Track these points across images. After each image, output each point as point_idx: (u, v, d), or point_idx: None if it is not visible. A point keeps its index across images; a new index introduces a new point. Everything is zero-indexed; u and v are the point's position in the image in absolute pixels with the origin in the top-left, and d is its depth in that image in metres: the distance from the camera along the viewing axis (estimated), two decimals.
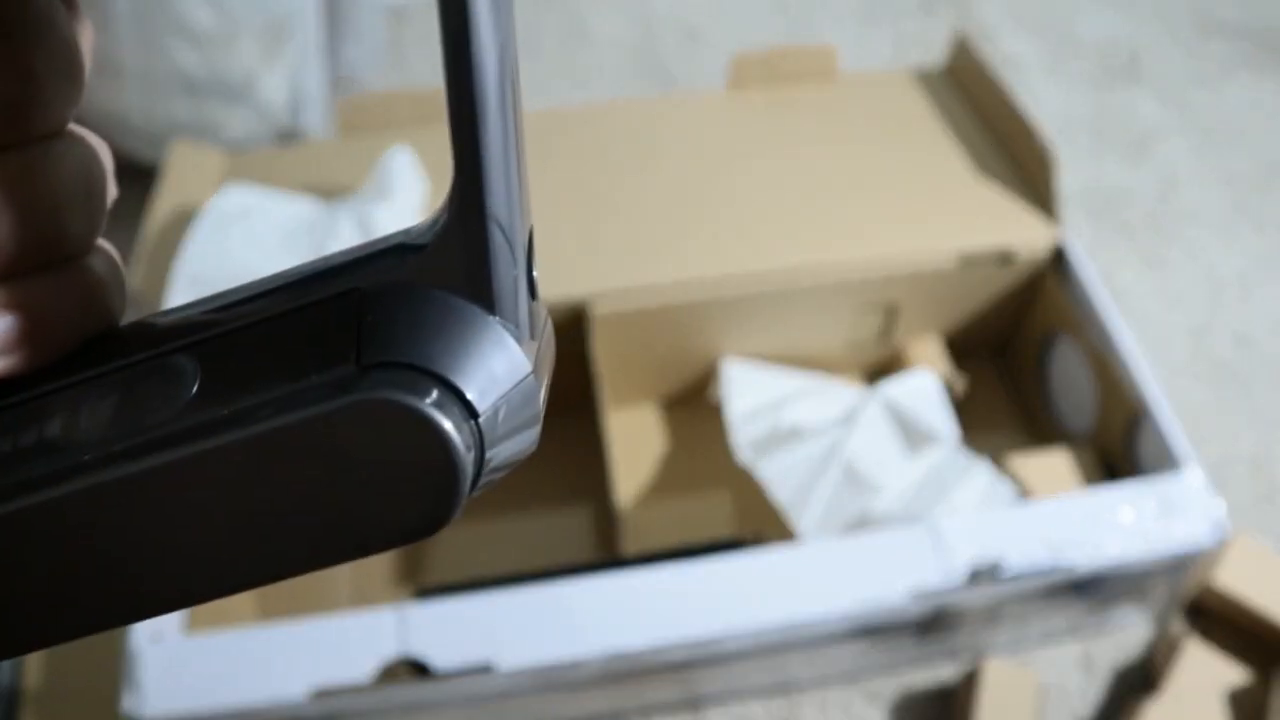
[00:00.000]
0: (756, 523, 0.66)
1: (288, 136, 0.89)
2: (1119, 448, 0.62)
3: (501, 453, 0.19)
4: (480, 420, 0.18)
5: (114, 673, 0.53)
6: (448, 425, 0.17)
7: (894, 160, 0.71)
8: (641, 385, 0.71)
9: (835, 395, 0.65)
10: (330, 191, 0.70)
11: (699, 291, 0.63)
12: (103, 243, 0.21)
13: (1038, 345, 0.71)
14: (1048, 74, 1.03)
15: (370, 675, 0.48)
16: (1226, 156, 0.94)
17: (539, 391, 0.20)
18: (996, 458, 0.64)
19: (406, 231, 0.20)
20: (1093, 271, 0.66)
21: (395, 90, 0.76)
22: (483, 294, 0.19)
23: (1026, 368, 0.73)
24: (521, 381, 0.19)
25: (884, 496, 0.60)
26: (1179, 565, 0.55)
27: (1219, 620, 0.63)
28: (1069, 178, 0.88)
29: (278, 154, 0.76)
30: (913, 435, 0.62)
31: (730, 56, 0.77)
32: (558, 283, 0.62)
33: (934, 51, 0.82)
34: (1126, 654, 0.63)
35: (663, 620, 0.50)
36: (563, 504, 0.69)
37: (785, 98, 0.76)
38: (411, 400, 0.17)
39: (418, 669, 0.49)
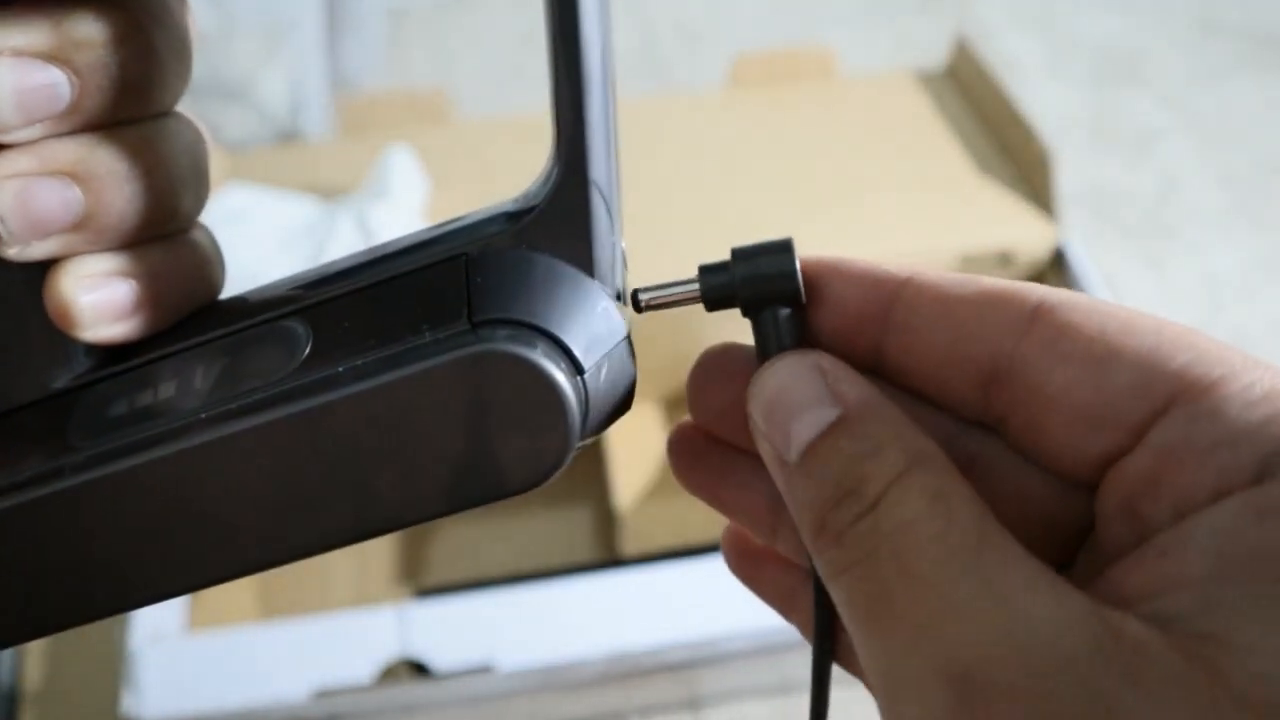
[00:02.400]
0: None
1: (288, 136, 0.89)
2: None
3: (601, 410, 0.20)
4: (585, 376, 0.19)
5: (114, 673, 0.53)
6: (560, 376, 0.18)
7: (894, 160, 0.71)
8: (641, 385, 0.70)
9: None
10: (330, 191, 0.70)
11: None
12: (201, 222, 0.22)
13: None
14: (1048, 74, 1.03)
15: (371, 676, 0.48)
16: (1226, 156, 0.94)
17: (633, 353, 0.20)
18: None
19: (509, 200, 0.21)
20: (1093, 271, 0.66)
21: (395, 90, 0.76)
22: (584, 259, 0.20)
23: None
24: (620, 342, 0.20)
25: None
26: None
27: None
28: (1069, 178, 0.88)
29: (278, 154, 0.76)
30: None
31: (730, 56, 0.77)
32: None
33: (934, 51, 0.82)
34: None
35: (663, 620, 0.50)
36: (563, 504, 0.69)
37: (785, 98, 0.76)
38: (525, 352, 0.18)
39: (418, 669, 0.49)
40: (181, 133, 0.20)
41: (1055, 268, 0.67)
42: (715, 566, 0.51)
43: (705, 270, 0.20)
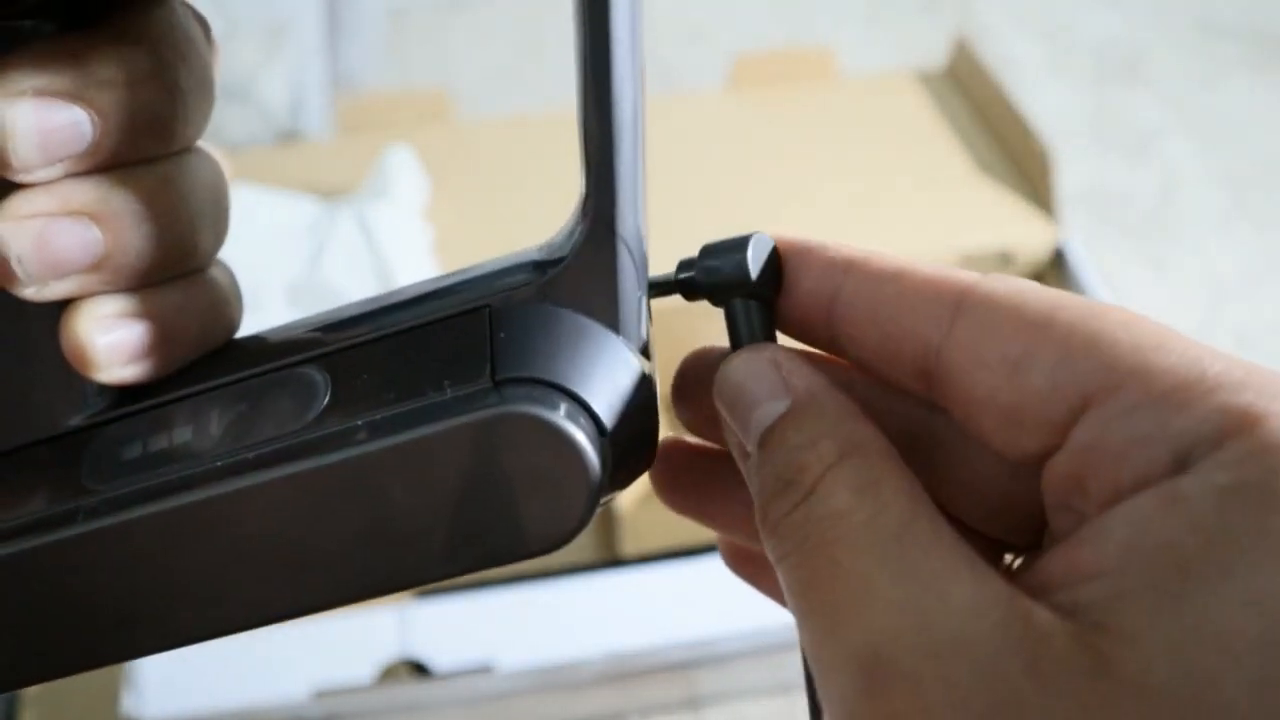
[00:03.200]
0: None
1: (288, 136, 0.89)
2: None
3: (624, 467, 0.20)
4: (608, 437, 0.19)
5: (114, 673, 0.53)
6: (583, 439, 0.18)
7: (894, 160, 0.71)
8: None
9: None
10: (330, 191, 0.70)
11: None
12: (219, 258, 0.22)
13: None
14: (1048, 74, 1.03)
15: (371, 676, 0.48)
16: (1226, 156, 0.94)
17: (657, 410, 0.20)
18: None
19: (532, 249, 0.21)
20: (1093, 271, 0.66)
21: (395, 90, 0.76)
22: (609, 314, 0.19)
23: None
24: (644, 400, 0.20)
25: None
26: None
27: None
28: (1069, 178, 0.88)
29: (278, 154, 0.76)
30: None
31: (730, 56, 0.77)
32: None
33: (934, 52, 0.82)
34: None
35: (662, 620, 0.50)
36: None
37: (785, 98, 0.76)
38: (549, 415, 0.18)
39: (418, 669, 0.49)
40: (202, 169, 0.20)
41: (1055, 268, 0.67)
42: (715, 566, 0.51)
43: (681, 265, 0.20)
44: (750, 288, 0.20)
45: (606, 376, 0.19)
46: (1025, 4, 1.11)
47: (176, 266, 0.20)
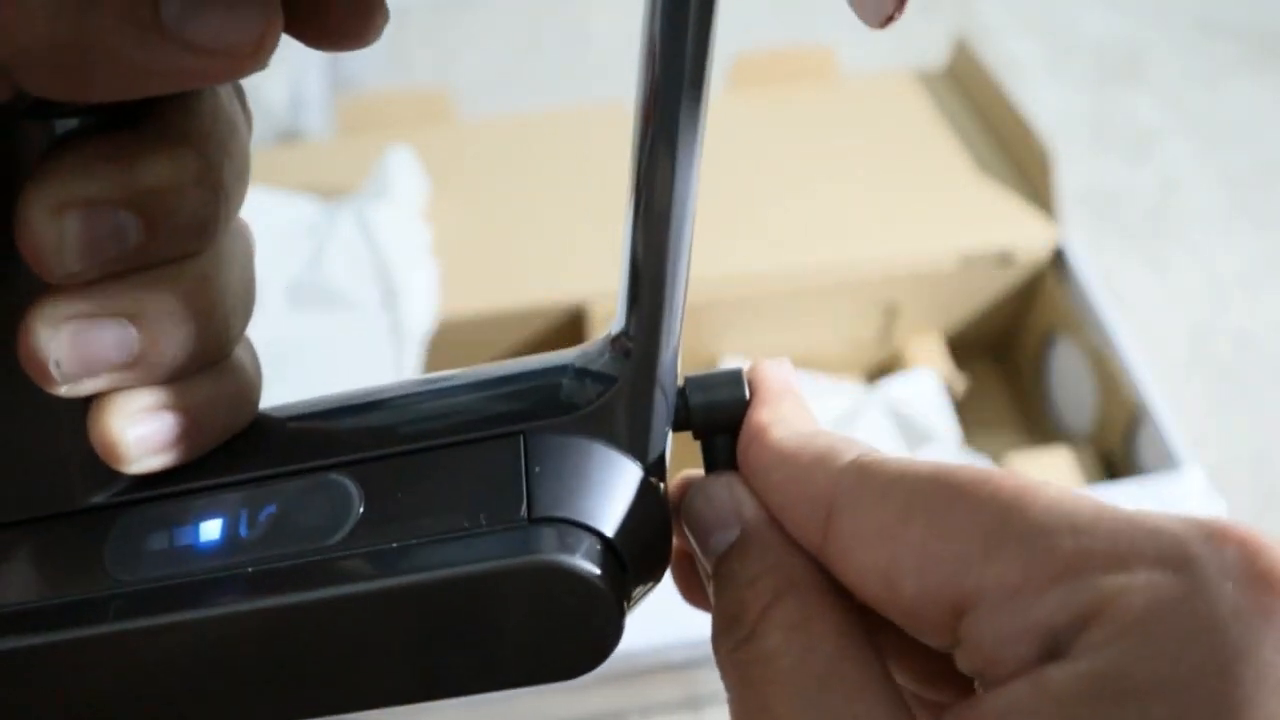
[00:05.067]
0: None
1: (288, 136, 0.89)
2: (1119, 448, 0.62)
3: (635, 600, 0.21)
4: (629, 575, 0.20)
5: None
6: (611, 591, 0.19)
7: (894, 160, 0.71)
8: None
9: (836, 395, 0.65)
10: (330, 191, 0.70)
11: (699, 292, 0.63)
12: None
13: (1038, 345, 0.71)
14: (1048, 74, 1.03)
15: None
16: (1226, 156, 0.94)
17: (672, 535, 0.21)
18: (996, 458, 0.64)
19: (564, 369, 0.21)
20: (1093, 271, 0.66)
21: (395, 90, 0.76)
22: (640, 451, 0.20)
23: (1026, 368, 0.73)
24: (664, 530, 0.21)
25: None
26: None
27: None
28: (1069, 178, 0.88)
29: (278, 154, 0.76)
30: (913, 435, 0.62)
31: (730, 56, 0.77)
32: (558, 283, 0.62)
33: (934, 51, 0.82)
34: None
35: (663, 620, 0.50)
36: None
37: (785, 98, 0.76)
38: (585, 567, 0.19)
39: None
40: (237, 251, 0.20)
41: (1055, 268, 0.67)
42: None
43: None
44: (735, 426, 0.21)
45: (634, 515, 0.20)
46: (1025, 4, 1.11)
47: (209, 359, 0.20)
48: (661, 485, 0.21)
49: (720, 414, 0.21)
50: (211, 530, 0.20)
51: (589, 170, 0.70)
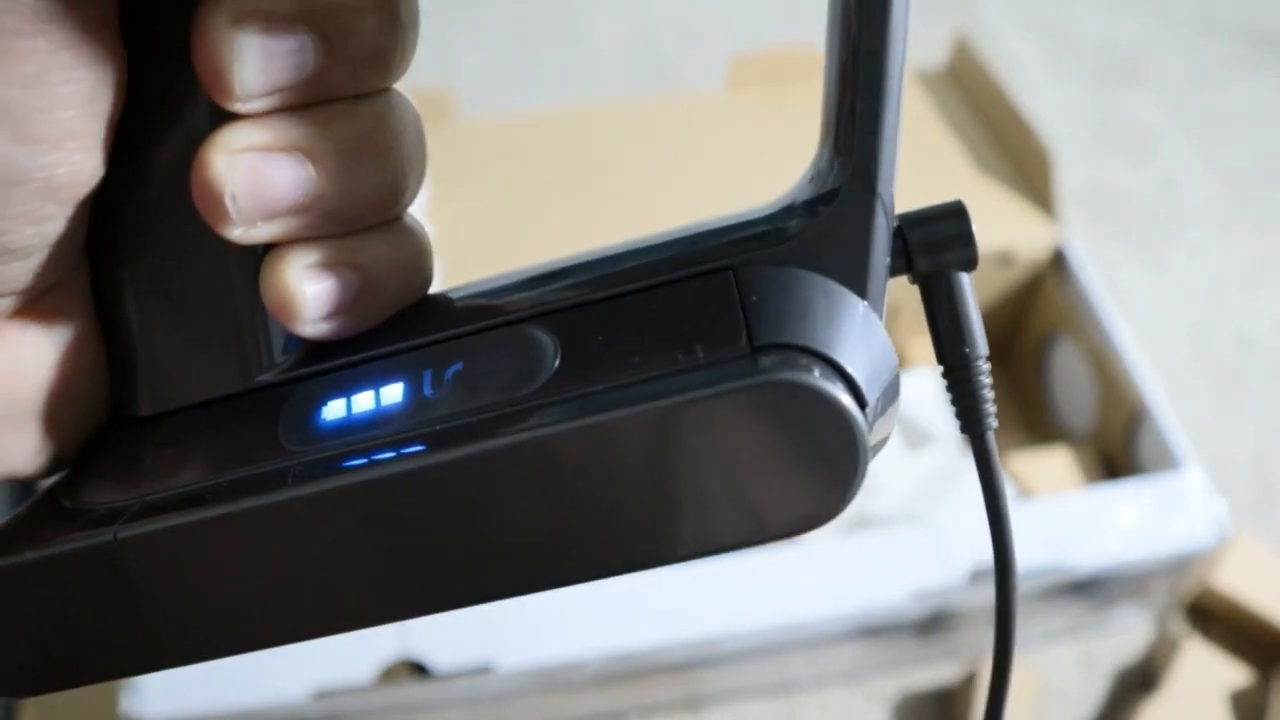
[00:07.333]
0: None
1: None
2: (1119, 447, 0.62)
3: (875, 441, 0.18)
4: (867, 408, 0.18)
5: None
6: (854, 410, 0.17)
7: None
8: None
9: None
10: None
11: None
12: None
13: (1038, 345, 0.71)
14: (1048, 74, 1.03)
15: (371, 676, 0.48)
16: (1226, 156, 0.94)
17: (899, 388, 0.19)
18: None
19: (767, 205, 0.19)
20: (1093, 272, 0.66)
21: None
22: (859, 280, 0.18)
23: (1026, 368, 0.73)
24: (893, 370, 0.19)
25: (884, 497, 0.60)
26: (1179, 565, 0.55)
27: (1219, 621, 0.63)
28: (1069, 178, 0.88)
29: None
30: (913, 435, 0.62)
31: (730, 56, 0.77)
32: None
33: (934, 51, 0.82)
34: (1126, 654, 0.63)
35: (663, 620, 0.50)
36: None
37: (785, 98, 0.76)
38: (822, 384, 0.16)
39: (418, 669, 0.49)
40: (408, 109, 0.19)
41: (1055, 268, 0.67)
42: (715, 566, 0.51)
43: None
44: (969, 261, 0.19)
45: (863, 347, 0.18)
46: (1025, 4, 1.11)
47: (384, 212, 0.18)
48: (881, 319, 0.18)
49: (944, 251, 0.18)
50: (393, 393, 0.18)
51: (589, 170, 0.70)
